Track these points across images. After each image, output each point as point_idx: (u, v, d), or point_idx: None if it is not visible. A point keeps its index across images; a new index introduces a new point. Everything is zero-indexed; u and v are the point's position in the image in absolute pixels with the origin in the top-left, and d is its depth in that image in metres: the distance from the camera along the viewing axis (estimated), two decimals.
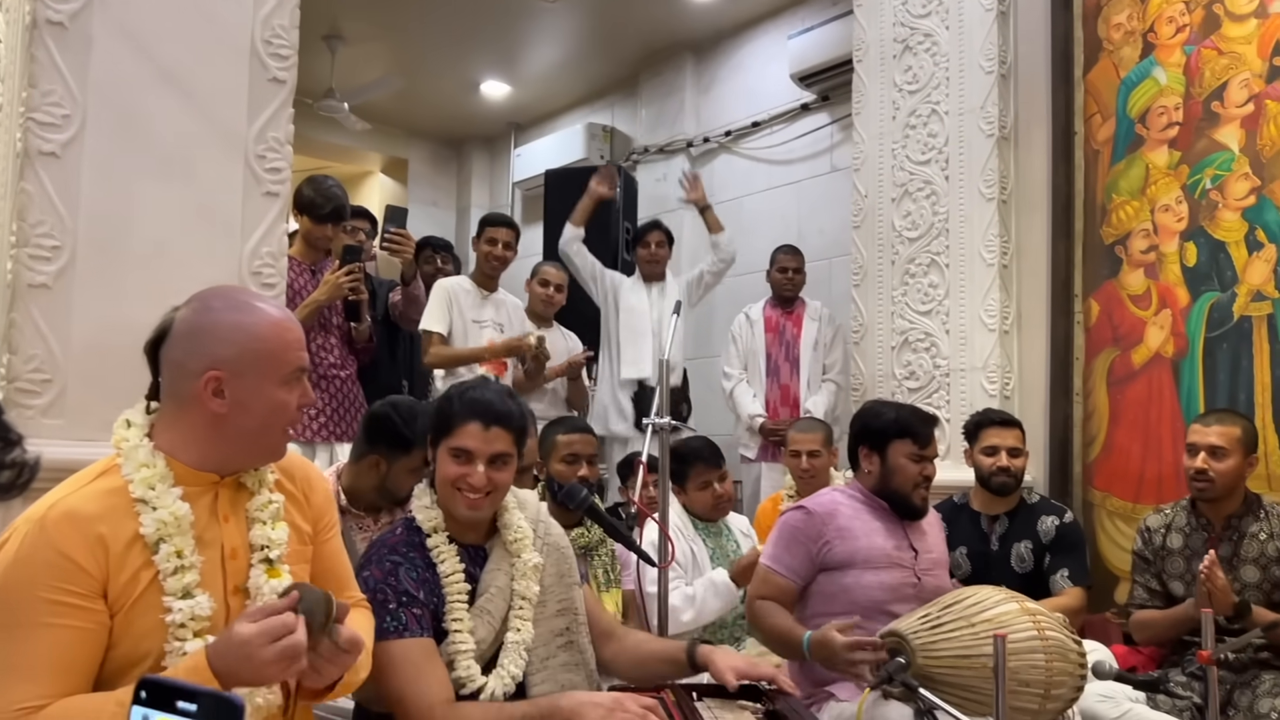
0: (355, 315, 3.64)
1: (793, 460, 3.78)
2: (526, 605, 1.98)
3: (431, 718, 1.78)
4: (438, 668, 1.84)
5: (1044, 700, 2.36)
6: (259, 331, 1.50)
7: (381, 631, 1.82)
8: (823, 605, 2.65)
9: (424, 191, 7.94)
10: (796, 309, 4.79)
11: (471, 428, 1.92)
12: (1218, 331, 3.46)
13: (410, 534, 1.96)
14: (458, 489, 1.92)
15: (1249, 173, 3.42)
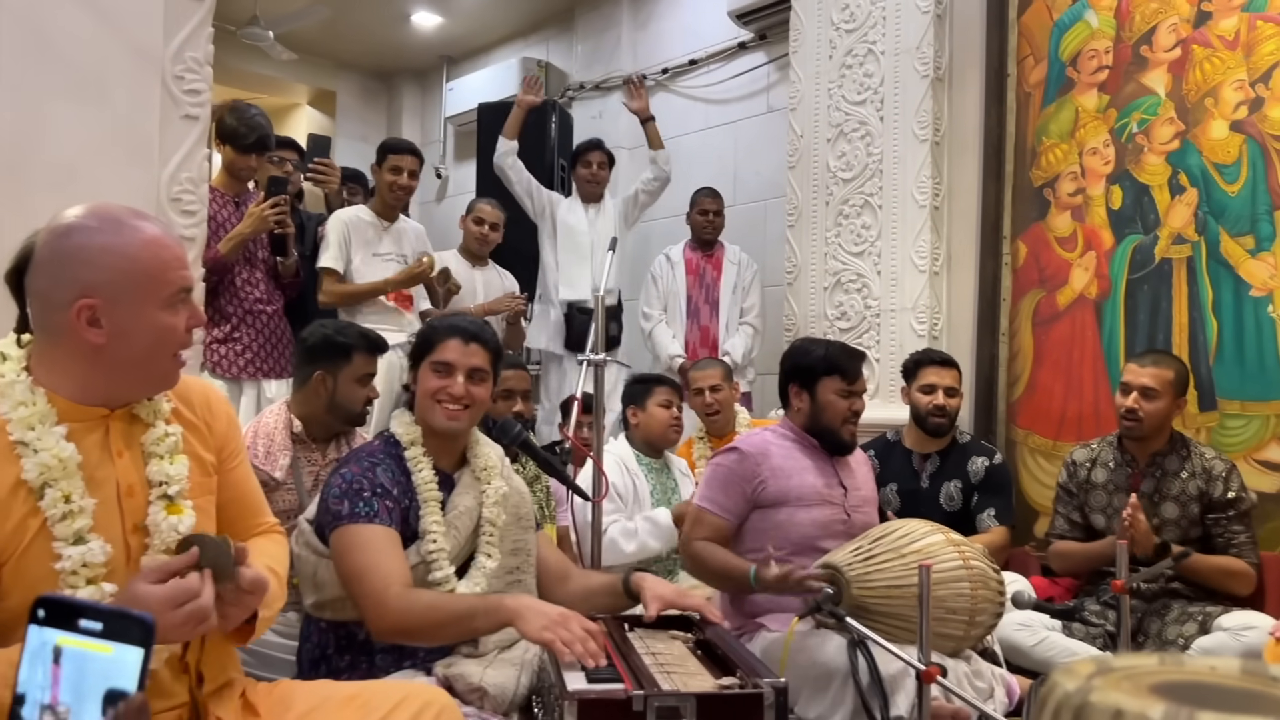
0: (281, 249, 3.55)
1: (696, 399, 3.80)
2: (495, 531, 2.09)
3: (387, 595, 1.84)
4: (399, 555, 1.93)
5: (968, 627, 2.44)
6: (131, 252, 1.37)
7: (353, 515, 1.92)
8: (756, 541, 2.69)
9: (353, 126, 7.73)
10: (716, 252, 4.79)
11: (452, 343, 2.08)
12: (1140, 273, 3.55)
13: (388, 446, 2.08)
14: (438, 401, 2.06)
15: (1174, 117, 3.48)
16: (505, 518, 2.12)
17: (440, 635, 1.90)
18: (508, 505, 2.14)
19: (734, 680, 1.75)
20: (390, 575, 1.87)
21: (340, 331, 2.69)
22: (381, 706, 1.54)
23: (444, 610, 1.87)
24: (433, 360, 2.09)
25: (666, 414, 3.43)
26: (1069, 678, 0.50)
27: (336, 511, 1.93)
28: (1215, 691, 0.51)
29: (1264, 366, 3.23)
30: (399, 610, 1.84)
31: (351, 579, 1.90)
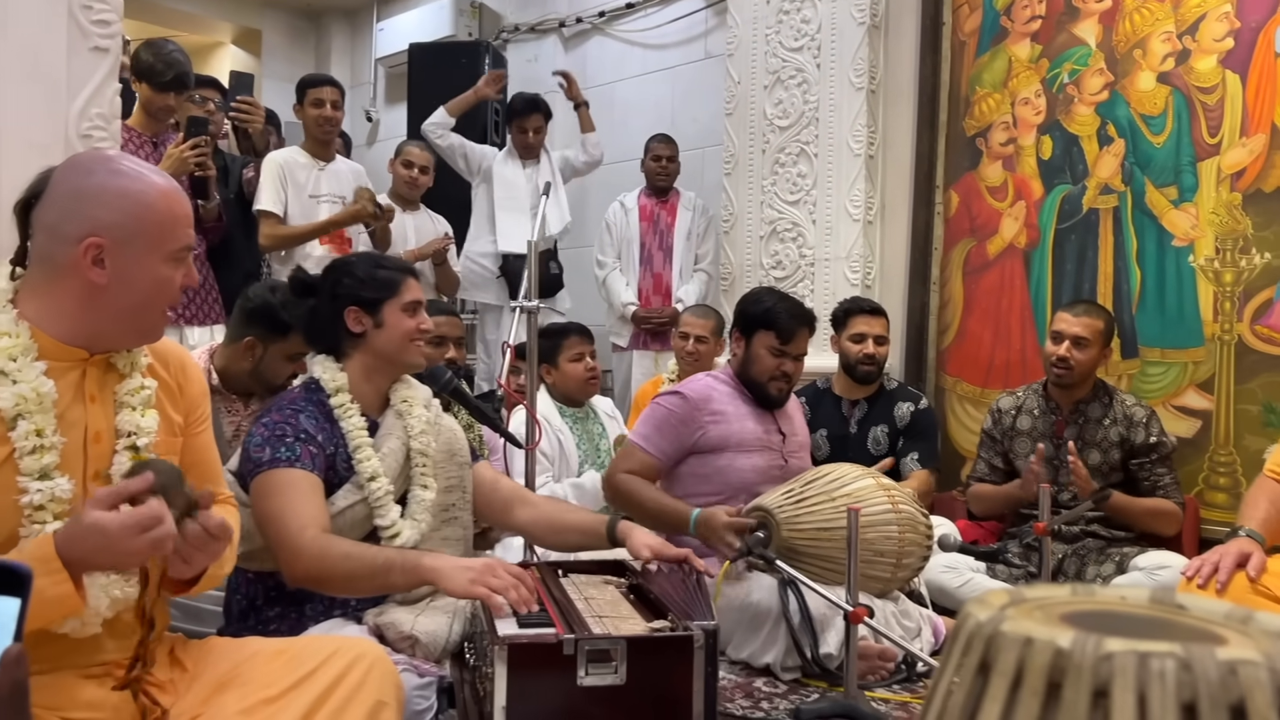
0: (203, 192, 3.43)
1: (680, 341, 3.83)
2: (427, 463, 2.06)
3: (302, 538, 1.80)
4: (319, 501, 1.89)
5: (895, 569, 2.49)
6: (149, 199, 1.39)
7: (274, 461, 1.88)
8: (695, 486, 2.71)
9: (279, 66, 7.48)
10: (671, 198, 4.76)
11: (412, 282, 2.09)
12: (1068, 223, 3.60)
13: (310, 393, 2.03)
14: (414, 340, 2.06)
15: (1104, 68, 3.52)
16: (436, 446, 2.09)
17: (354, 586, 1.85)
18: (438, 435, 2.12)
19: (665, 623, 1.76)
20: (307, 518, 1.83)
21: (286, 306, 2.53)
22: (310, 661, 1.51)
23: (360, 560, 1.82)
24: (404, 302, 2.05)
25: (579, 367, 3.38)
26: (982, 608, 0.50)
27: (258, 459, 1.89)
28: (1124, 620, 0.51)
29: (1184, 315, 3.32)
30: (313, 554, 1.80)
31: (268, 521, 1.85)
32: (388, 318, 2.04)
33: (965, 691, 0.47)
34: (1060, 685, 0.44)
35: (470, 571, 1.78)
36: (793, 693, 2.32)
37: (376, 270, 2.09)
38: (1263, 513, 2.38)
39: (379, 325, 2.04)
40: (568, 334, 3.43)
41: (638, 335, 4.67)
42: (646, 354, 4.65)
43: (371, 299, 2.05)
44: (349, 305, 2.04)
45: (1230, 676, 0.43)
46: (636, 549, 2.09)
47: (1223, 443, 3.21)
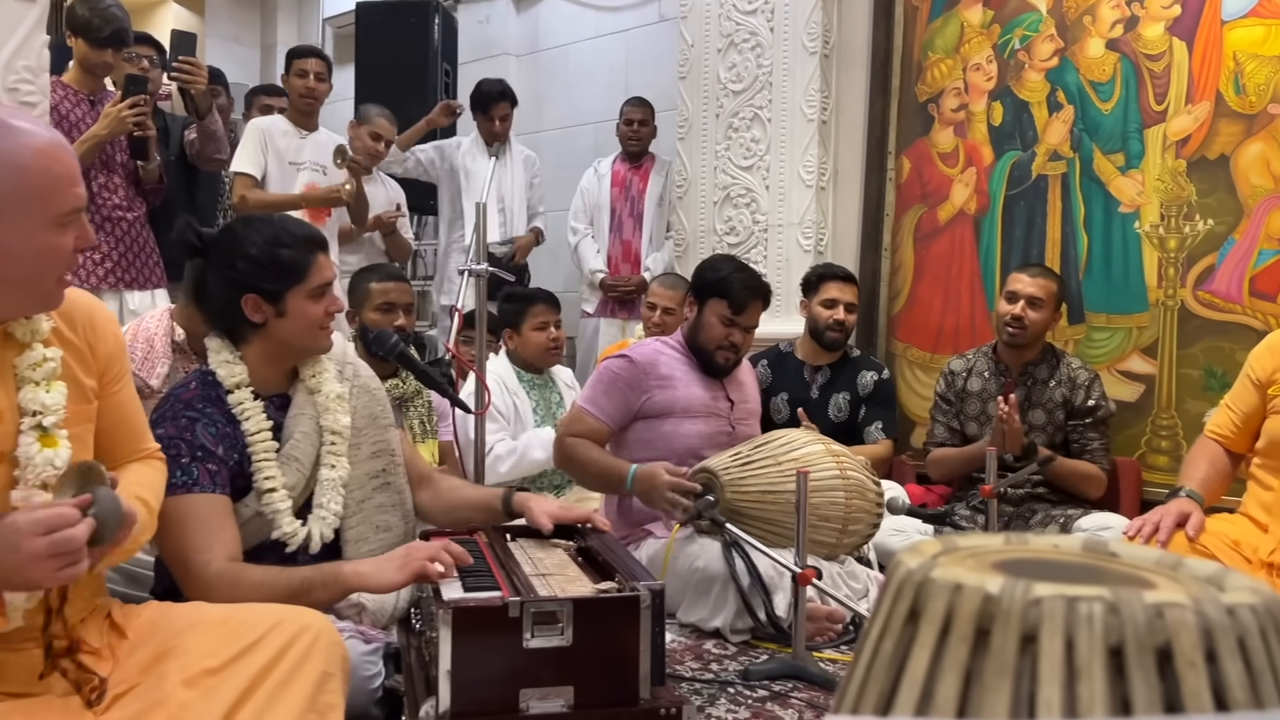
0: (142, 153, 3.34)
1: (648, 312, 3.81)
2: (339, 440, 1.95)
3: (207, 573, 1.69)
4: (224, 524, 1.76)
5: (841, 535, 2.51)
6: (22, 160, 1.25)
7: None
8: (640, 451, 2.71)
9: (223, 25, 7.29)
10: (645, 164, 4.71)
11: (321, 259, 1.88)
12: (1017, 189, 3.62)
13: (206, 388, 1.85)
14: (322, 328, 1.89)
15: (1054, 34, 3.53)
16: (347, 420, 1.96)
17: None
18: (357, 407, 2.00)
19: (611, 585, 1.76)
20: (211, 551, 1.70)
21: None
22: (254, 631, 1.48)
23: (274, 586, 1.70)
24: (310, 288, 1.85)
25: (543, 336, 3.35)
26: (913, 556, 0.49)
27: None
28: (1055, 567, 0.51)
29: (1129, 281, 3.36)
30: (222, 588, 1.67)
31: (172, 559, 1.72)
32: (292, 306, 1.84)
33: (895, 640, 0.47)
34: (989, 631, 0.44)
35: (393, 561, 1.74)
36: (742, 654, 2.34)
37: (278, 251, 1.84)
38: (1202, 473, 2.44)
39: (282, 315, 1.85)
40: (534, 301, 3.39)
41: (605, 303, 4.64)
42: (614, 321, 4.63)
43: (272, 289, 1.84)
44: (247, 294, 1.83)
45: (1157, 619, 0.42)
46: (536, 518, 2.04)
47: (1165, 406, 3.27)
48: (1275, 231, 3.08)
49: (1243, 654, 0.42)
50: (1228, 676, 0.41)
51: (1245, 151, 3.13)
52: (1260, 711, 0.41)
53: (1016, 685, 0.42)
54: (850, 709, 0.47)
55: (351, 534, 1.96)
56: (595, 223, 4.69)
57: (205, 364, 2.38)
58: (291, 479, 1.87)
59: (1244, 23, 3.14)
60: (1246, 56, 3.13)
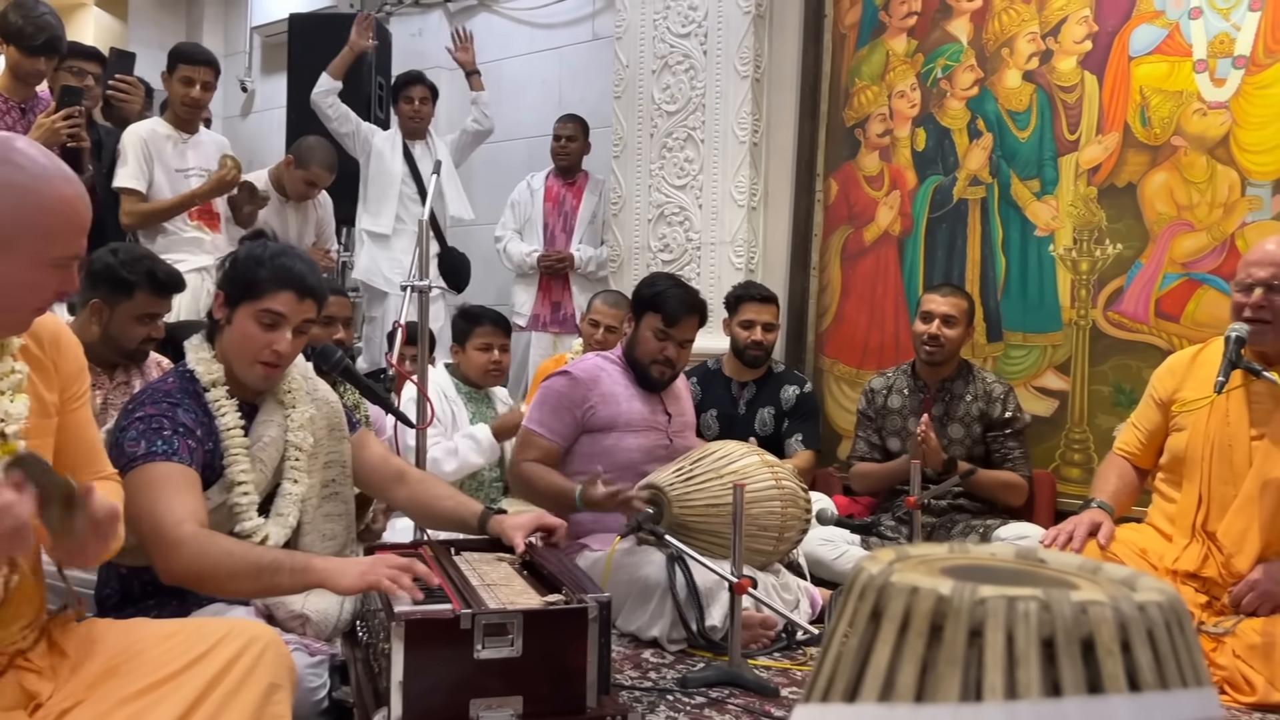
0: (75, 165, 3.29)
1: (590, 329, 3.83)
2: (301, 457, 2.01)
3: (180, 532, 1.71)
4: (197, 496, 1.81)
5: (778, 542, 2.60)
6: (46, 204, 1.34)
7: (149, 455, 1.78)
8: (583, 465, 2.77)
9: (147, 32, 7.16)
10: (578, 180, 4.78)
11: (285, 295, 1.90)
12: (939, 212, 3.78)
13: (184, 383, 1.93)
14: (261, 359, 1.91)
15: (974, 65, 3.70)
16: (313, 440, 2.03)
17: (236, 584, 1.76)
18: (315, 426, 2.06)
19: (559, 597, 1.81)
20: (185, 512, 1.73)
21: (127, 264, 2.48)
22: (203, 643, 1.49)
23: (244, 558, 1.74)
24: (260, 308, 1.89)
25: (484, 358, 3.37)
26: (873, 563, 0.56)
27: (132, 453, 1.79)
28: (994, 571, 0.58)
29: (1044, 301, 3.53)
30: (194, 549, 1.70)
31: (141, 517, 1.73)
32: (238, 319, 1.90)
33: (859, 636, 0.54)
34: (942, 627, 0.51)
35: (359, 566, 1.78)
36: (679, 662, 2.40)
37: (256, 267, 1.90)
38: (1112, 486, 2.59)
39: (229, 323, 1.92)
40: (482, 321, 3.39)
41: (536, 317, 4.69)
42: (544, 336, 4.69)
43: (231, 293, 1.92)
44: (219, 289, 1.95)
45: (1082, 615, 0.50)
46: (510, 537, 2.09)
47: (1078, 421, 3.44)
48: (1179, 256, 3.27)
49: (1151, 644, 0.50)
50: (1139, 662, 0.49)
51: (1151, 180, 3.33)
52: (1165, 691, 0.49)
53: (966, 673, 0.49)
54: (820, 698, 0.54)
55: (304, 540, 2.01)
56: (525, 236, 4.74)
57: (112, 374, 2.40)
58: (254, 476, 1.93)
59: (1150, 59, 3.33)
60: (1152, 91, 3.32)
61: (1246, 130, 3.16)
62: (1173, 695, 0.49)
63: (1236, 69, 3.17)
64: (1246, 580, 2.30)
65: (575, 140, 4.73)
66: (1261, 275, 2.33)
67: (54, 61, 3.31)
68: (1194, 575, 2.38)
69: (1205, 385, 2.41)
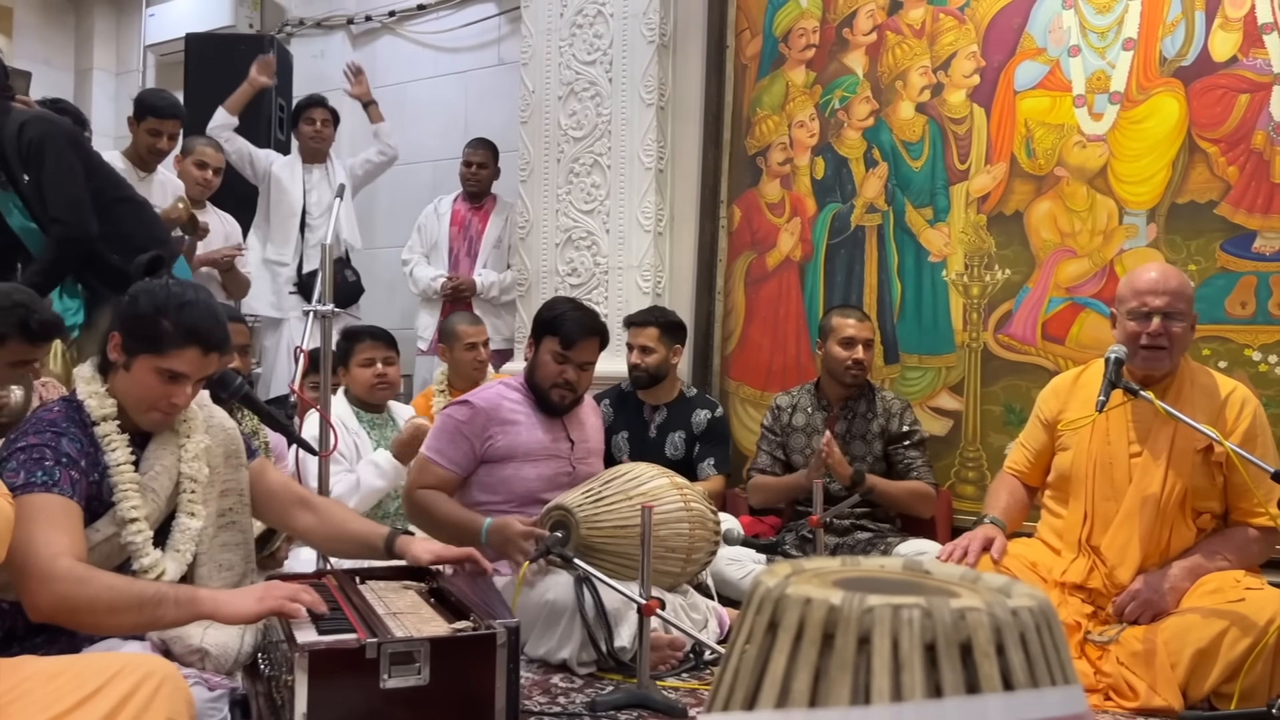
0: None
1: (468, 352, 3.82)
2: (196, 489, 1.96)
3: (54, 566, 1.63)
4: (77, 530, 1.74)
5: (685, 564, 2.63)
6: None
7: (28, 485, 1.71)
8: (481, 494, 2.76)
9: (33, 46, 6.92)
10: (486, 205, 4.77)
11: (190, 354, 1.85)
12: (838, 239, 3.89)
13: (71, 412, 1.86)
14: (157, 409, 1.87)
15: (870, 96, 3.83)
16: (208, 471, 1.98)
17: (115, 619, 1.68)
18: (211, 456, 2.01)
19: (467, 624, 1.80)
20: (60, 546, 1.66)
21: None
22: (93, 681, 1.45)
23: (124, 592, 1.67)
24: (161, 366, 1.84)
25: (368, 373, 3.33)
26: (770, 576, 0.59)
27: (10, 483, 1.71)
28: (882, 582, 0.62)
29: (938, 325, 3.66)
30: (67, 584, 1.63)
31: (14, 550, 1.63)
32: (137, 369, 1.85)
33: (757, 646, 0.56)
34: (833, 635, 0.54)
35: (250, 596, 1.75)
36: (588, 686, 2.41)
37: (160, 319, 1.84)
38: (1003, 503, 2.70)
39: (127, 369, 1.87)
40: (361, 338, 3.38)
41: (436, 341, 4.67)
42: None
43: (130, 344, 1.86)
44: (114, 330, 1.88)
45: (960, 620, 0.53)
46: (417, 558, 2.07)
47: (971, 440, 3.57)
48: (1063, 281, 3.43)
49: (1023, 646, 0.54)
50: (1012, 663, 0.53)
51: (1036, 209, 3.48)
52: (1037, 689, 0.53)
53: (855, 677, 0.52)
54: (721, 707, 0.56)
55: (200, 571, 1.96)
56: (431, 259, 4.72)
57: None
58: (147, 509, 1.88)
59: (1033, 93, 3.50)
60: (1035, 123, 3.49)
61: (1122, 162, 3.34)
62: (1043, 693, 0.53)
63: (1113, 104, 3.35)
64: (1129, 591, 2.42)
65: (486, 167, 4.73)
66: (1158, 304, 2.45)
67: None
68: (1080, 587, 2.49)
69: (1087, 405, 2.53)
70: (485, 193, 4.77)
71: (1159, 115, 3.28)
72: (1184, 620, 2.31)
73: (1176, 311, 2.44)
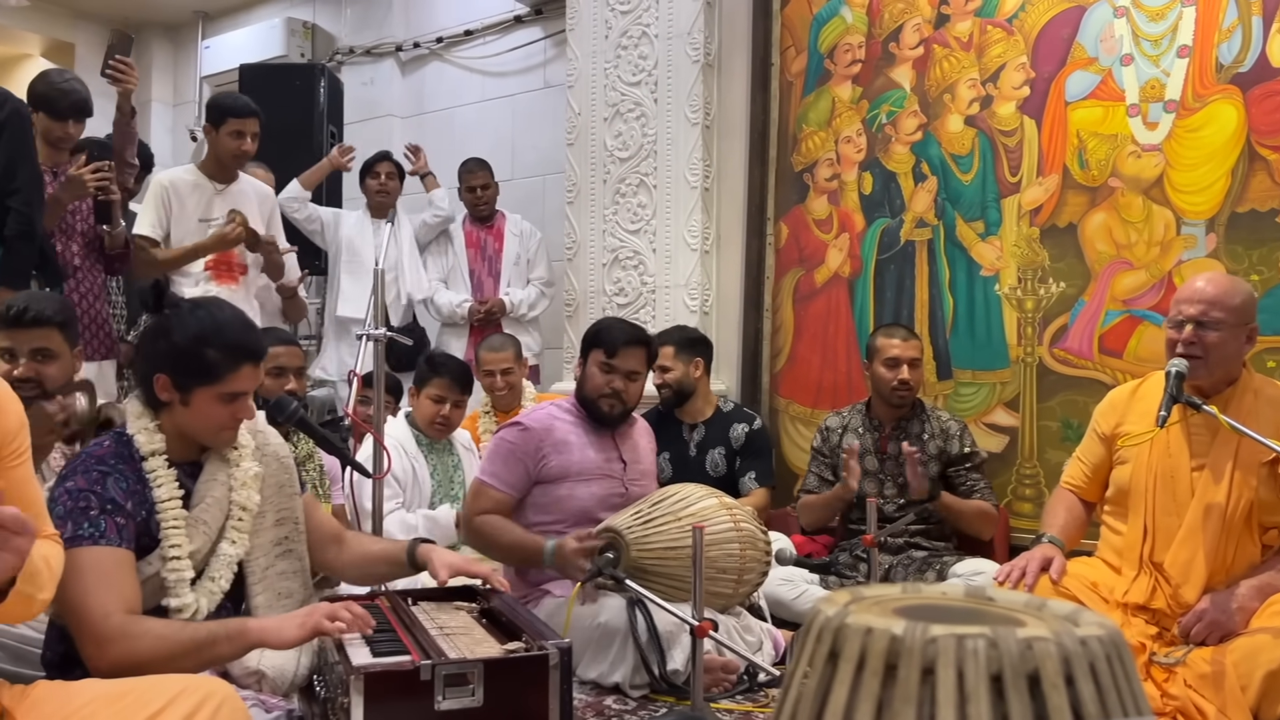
0: (106, 217, 3.30)
1: (487, 379, 3.82)
2: (246, 516, 1.97)
3: (107, 626, 1.67)
4: (127, 579, 1.76)
5: (737, 585, 2.60)
6: None
7: (75, 539, 1.72)
8: (537, 515, 2.76)
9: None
10: (497, 223, 4.79)
11: (245, 371, 1.89)
12: (887, 254, 3.85)
13: (120, 448, 1.87)
14: (223, 430, 1.92)
15: (917, 110, 3.80)
16: (259, 499, 1.99)
17: (176, 667, 1.68)
18: (264, 484, 2.03)
19: (519, 645, 1.80)
20: (110, 604, 1.68)
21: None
22: (155, 702, 1.47)
23: (177, 640, 1.70)
24: (222, 392, 1.87)
25: (433, 410, 3.34)
26: (829, 605, 0.58)
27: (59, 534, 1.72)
28: (945, 610, 0.60)
29: (991, 339, 3.60)
30: (122, 643, 1.66)
31: (68, 610, 1.69)
32: (197, 401, 1.87)
33: (817, 677, 0.55)
34: (896, 666, 0.53)
35: (297, 618, 1.76)
36: (642, 708, 2.39)
37: (202, 349, 1.86)
38: (1061, 521, 2.64)
39: (185, 404, 1.88)
40: (442, 373, 3.35)
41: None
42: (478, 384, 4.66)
43: (181, 381, 1.87)
44: (158, 373, 1.87)
45: (1027, 650, 0.52)
46: (436, 570, 2.09)
47: (1028, 456, 3.50)
48: (1119, 294, 3.36)
49: (1093, 676, 0.52)
50: (1082, 695, 0.51)
51: (1091, 220, 3.43)
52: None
53: (920, 710, 0.51)
54: None
55: (258, 600, 1.97)
56: (451, 283, 4.71)
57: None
58: (197, 543, 1.89)
59: (1085, 104, 3.45)
60: (1088, 134, 3.43)
61: (1179, 171, 3.27)
62: None
63: (1168, 113, 3.29)
64: (1194, 611, 2.35)
65: (489, 187, 4.74)
66: (1191, 312, 2.41)
67: (81, 125, 3.37)
68: (1144, 607, 2.42)
69: (1146, 419, 2.47)
70: (491, 213, 4.79)
71: (1216, 123, 3.21)
72: (1254, 641, 2.24)
73: (1212, 320, 2.39)
